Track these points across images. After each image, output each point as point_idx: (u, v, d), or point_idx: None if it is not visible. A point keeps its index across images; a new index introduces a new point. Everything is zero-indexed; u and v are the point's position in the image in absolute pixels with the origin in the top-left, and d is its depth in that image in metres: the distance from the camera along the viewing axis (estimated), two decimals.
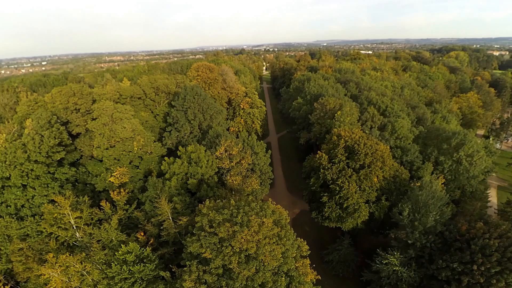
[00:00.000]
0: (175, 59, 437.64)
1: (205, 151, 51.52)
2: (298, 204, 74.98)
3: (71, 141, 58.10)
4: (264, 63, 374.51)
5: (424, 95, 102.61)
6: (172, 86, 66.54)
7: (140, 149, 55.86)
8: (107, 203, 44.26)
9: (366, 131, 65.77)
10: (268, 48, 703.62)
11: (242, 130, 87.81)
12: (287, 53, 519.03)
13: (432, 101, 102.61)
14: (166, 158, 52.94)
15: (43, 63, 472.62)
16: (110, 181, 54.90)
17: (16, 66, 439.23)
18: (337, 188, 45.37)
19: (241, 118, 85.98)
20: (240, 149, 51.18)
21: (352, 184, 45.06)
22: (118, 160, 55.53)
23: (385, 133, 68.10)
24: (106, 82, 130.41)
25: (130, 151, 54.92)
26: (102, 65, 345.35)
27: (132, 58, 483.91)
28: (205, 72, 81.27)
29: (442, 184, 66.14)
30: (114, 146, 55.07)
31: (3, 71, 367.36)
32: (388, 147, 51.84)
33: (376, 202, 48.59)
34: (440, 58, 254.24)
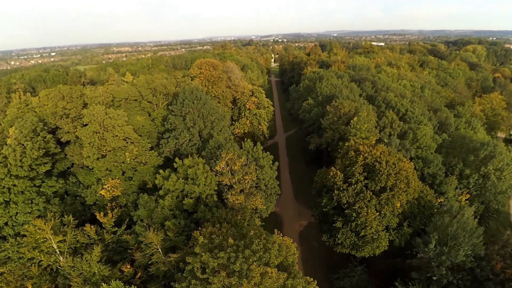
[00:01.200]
0: (183, 50, 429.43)
1: (205, 164, 45.36)
2: (306, 215, 68.71)
3: (60, 149, 52.75)
4: (273, 55, 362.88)
5: (445, 95, 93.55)
6: (171, 87, 60.07)
7: (134, 159, 50.13)
8: (92, 227, 38.78)
9: (385, 139, 58.47)
10: (277, 38, 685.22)
11: (247, 133, 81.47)
12: (296, 44, 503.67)
13: (453, 102, 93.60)
14: (161, 171, 47.07)
15: (52, 54, 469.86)
16: (101, 194, 49.64)
17: (25, 57, 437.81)
18: (354, 214, 38.81)
19: (247, 119, 79.24)
20: (243, 163, 44.83)
21: (371, 210, 38.41)
22: (110, 170, 50.04)
23: (406, 142, 60.67)
24: (108, 77, 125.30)
25: (123, 162, 49.27)
26: (110, 56, 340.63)
27: (140, 49, 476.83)
28: (208, 70, 74.33)
29: (466, 200, 59.27)
30: (105, 155, 49.49)
31: (12, 62, 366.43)
32: (412, 164, 44.70)
33: (397, 229, 41.93)
34: (457, 52, 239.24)
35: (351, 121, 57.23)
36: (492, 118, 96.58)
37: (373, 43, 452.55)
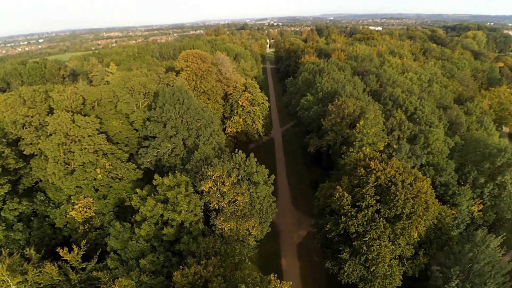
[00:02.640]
0: (175, 34, 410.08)
1: (188, 184, 38.10)
2: (305, 224, 62.60)
3: (24, 163, 44.87)
4: (268, 40, 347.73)
5: (453, 89, 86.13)
6: (152, 85, 51.53)
7: (107, 175, 42.56)
8: (54, 266, 31.70)
9: (394, 145, 51.51)
10: (272, 22, 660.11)
11: (240, 132, 73.81)
12: (292, 29, 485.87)
13: (461, 96, 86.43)
14: (138, 190, 39.80)
15: (40, 40, 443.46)
16: (71, 215, 42.40)
17: (12, 44, 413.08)
18: (364, 247, 32.31)
19: (240, 117, 71.35)
20: (234, 181, 37.65)
21: (384, 242, 31.95)
22: (81, 187, 42.55)
23: (416, 147, 53.81)
24: (91, 68, 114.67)
25: (94, 178, 41.71)
26: (99, 42, 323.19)
27: (130, 34, 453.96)
28: (196, 62, 65.37)
29: (479, 211, 53.60)
30: (74, 171, 41.81)
31: None
32: (429, 181, 38.01)
33: (411, 258, 35.80)
34: (458, 38, 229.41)
35: (357, 124, 49.92)
36: (500, 113, 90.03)
37: (371, 27, 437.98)
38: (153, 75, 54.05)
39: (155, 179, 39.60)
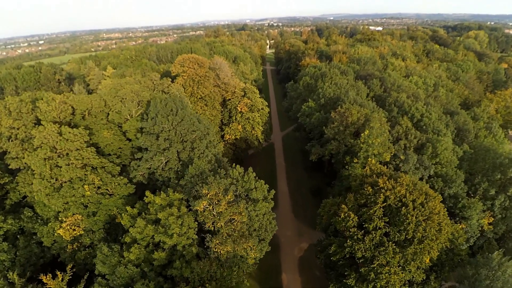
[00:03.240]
0: (175, 35, 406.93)
1: (181, 203, 35.26)
2: (306, 235, 59.80)
3: (10, 178, 42.12)
4: (268, 41, 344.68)
5: (458, 92, 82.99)
6: (145, 93, 48.60)
7: (96, 191, 39.74)
8: None
9: (401, 155, 48.50)
10: (272, 22, 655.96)
11: (239, 138, 70.91)
12: (292, 29, 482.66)
13: (467, 100, 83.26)
14: (128, 208, 37.00)
15: (41, 42, 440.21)
16: (59, 234, 39.63)
17: (13, 46, 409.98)
18: (372, 274, 29.41)
19: (238, 123, 68.44)
20: (231, 199, 34.80)
21: (393, 269, 29.06)
22: (68, 203, 39.74)
23: (424, 157, 50.84)
24: (88, 71, 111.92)
25: (83, 195, 38.90)
26: (99, 43, 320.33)
27: (130, 35, 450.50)
28: (193, 68, 62.45)
29: (489, 224, 50.69)
30: (61, 187, 39.03)
31: None
32: (441, 198, 35.07)
33: (422, 284, 32.89)
34: (460, 39, 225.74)
35: (362, 134, 46.95)
36: (506, 117, 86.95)
37: (371, 27, 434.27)
38: (147, 82, 51.14)
39: (147, 196, 36.84)
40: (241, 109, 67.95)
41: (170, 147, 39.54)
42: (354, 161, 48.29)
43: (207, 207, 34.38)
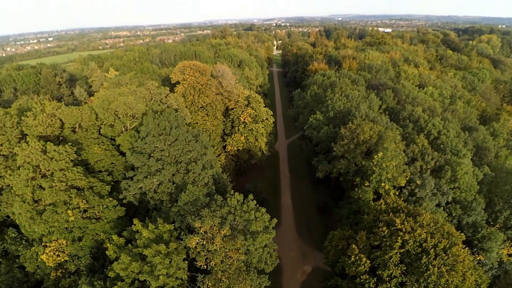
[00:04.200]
0: (182, 34, 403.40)
1: (172, 234, 31.23)
2: (310, 257, 55.41)
3: None
4: (275, 41, 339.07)
5: (475, 104, 77.25)
6: (140, 105, 44.58)
7: (82, 215, 35.96)
8: None
9: (417, 180, 43.64)
10: (279, 22, 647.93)
11: (242, 150, 66.70)
12: (300, 29, 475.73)
13: (485, 113, 77.47)
14: (115, 237, 33.13)
15: (50, 39, 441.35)
16: (41, 259, 36.05)
17: (22, 42, 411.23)
18: None
19: (241, 135, 64.18)
20: (227, 233, 30.65)
21: None
22: (53, 228, 36.08)
23: (442, 181, 45.96)
24: (91, 73, 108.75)
25: (67, 220, 35.17)
26: (107, 41, 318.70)
27: (138, 33, 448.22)
28: (193, 75, 58.32)
29: (508, 255, 45.76)
30: (44, 210, 35.38)
31: (8, 48, 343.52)
32: (463, 237, 30.34)
33: None
34: (472, 43, 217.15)
35: (375, 156, 42.23)
36: None
37: (380, 28, 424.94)
38: (143, 92, 47.10)
39: (135, 224, 32.94)
40: (244, 119, 63.68)
41: (163, 169, 35.46)
42: (365, 184, 43.68)
43: (201, 241, 30.31)
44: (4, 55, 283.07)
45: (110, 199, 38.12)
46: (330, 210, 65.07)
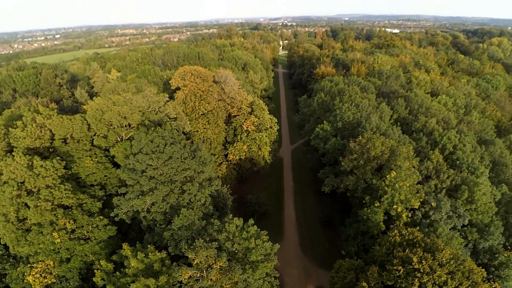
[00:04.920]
0: (188, 33, 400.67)
1: (164, 263, 28.27)
2: (314, 276, 52.15)
3: None
4: (281, 42, 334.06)
5: (490, 114, 72.87)
6: (135, 115, 41.59)
7: (70, 236, 33.20)
8: None
9: (432, 202, 39.97)
10: (286, 22, 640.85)
11: (244, 159, 63.54)
12: (306, 29, 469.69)
13: (500, 123, 73.05)
14: (103, 262, 30.35)
15: (57, 36, 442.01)
16: (28, 281, 33.44)
17: (30, 39, 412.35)
18: None
19: (244, 144, 60.97)
20: (224, 264, 27.56)
21: None
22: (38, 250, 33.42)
23: (458, 202, 42.27)
24: (93, 73, 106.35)
25: (53, 242, 32.45)
26: (114, 39, 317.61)
27: (144, 31, 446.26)
28: (194, 81, 55.24)
29: None
30: (30, 230, 32.71)
31: (16, 45, 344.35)
32: (484, 273, 26.87)
33: None
34: (482, 46, 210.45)
35: (387, 176, 38.70)
36: None
37: (387, 29, 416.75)
38: (139, 101, 44.05)
39: (124, 249, 30.09)
40: (247, 127, 60.44)
41: (156, 188, 32.47)
42: (376, 204, 40.17)
43: (195, 273, 27.29)
44: (11, 52, 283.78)
45: (101, 217, 35.32)
46: (335, 224, 61.70)
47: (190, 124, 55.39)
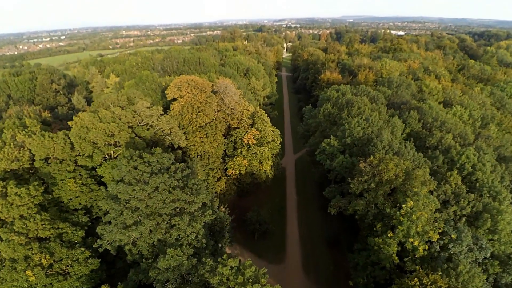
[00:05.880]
0: (192, 35, 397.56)
1: None
2: None
3: None
4: (285, 44, 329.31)
5: (507, 126, 67.81)
6: (123, 133, 37.66)
7: (46, 272, 29.35)
8: None
9: (451, 233, 35.44)
10: (290, 23, 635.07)
11: (245, 174, 59.37)
12: (311, 31, 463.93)
13: None
14: None
15: (62, 37, 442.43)
16: None
17: (35, 40, 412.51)
18: None
19: (244, 158, 56.80)
20: None
21: None
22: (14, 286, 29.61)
23: (480, 232, 37.67)
24: (91, 78, 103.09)
25: (27, 280, 28.62)
26: (118, 41, 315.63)
27: (149, 33, 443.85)
28: (192, 92, 51.25)
29: None
30: (3, 266, 28.92)
31: (21, 46, 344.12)
32: None
33: None
34: (490, 49, 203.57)
35: (404, 206, 34.25)
36: None
37: (392, 31, 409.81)
38: (128, 117, 40.06)
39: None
40: (247, 141, 56.32)
41: (140, 223, 28.43)
42: (389, 235, 35.77)
43: None
44: (16, 53, 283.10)
45: (82, 249, 31.44)
46: (340, 244, 57.38)
47: (186, 137, 51.48)
